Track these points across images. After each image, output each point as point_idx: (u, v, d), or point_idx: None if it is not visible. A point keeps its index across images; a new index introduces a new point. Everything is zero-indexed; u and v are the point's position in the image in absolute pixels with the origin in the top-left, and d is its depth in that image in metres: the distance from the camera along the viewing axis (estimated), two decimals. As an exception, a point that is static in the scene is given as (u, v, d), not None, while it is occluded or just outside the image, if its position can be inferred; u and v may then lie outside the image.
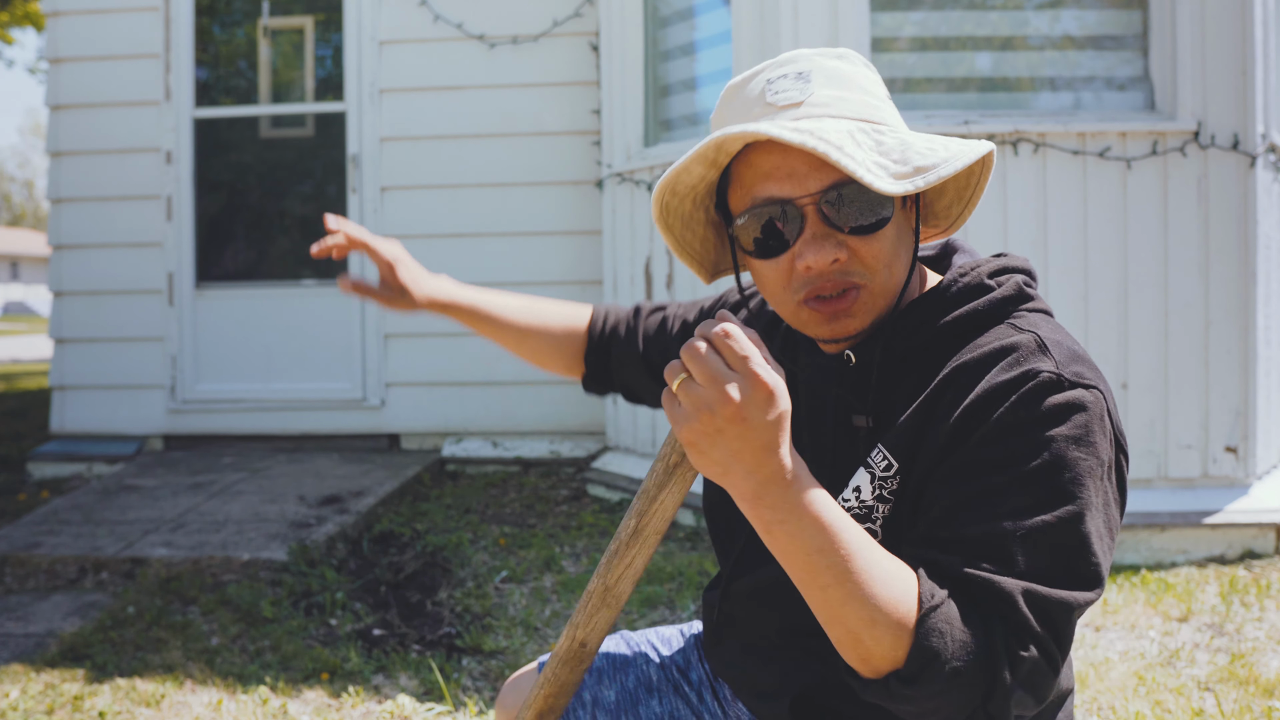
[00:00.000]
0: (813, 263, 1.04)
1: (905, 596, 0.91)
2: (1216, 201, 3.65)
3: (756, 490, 0.89)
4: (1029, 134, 3.62)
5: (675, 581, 3.37)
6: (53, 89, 5.32)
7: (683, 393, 0.88)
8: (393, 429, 5.23)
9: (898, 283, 1.09)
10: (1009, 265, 1.13)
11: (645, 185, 4.37)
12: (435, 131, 5.16)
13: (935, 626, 0.90)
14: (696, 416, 0.87)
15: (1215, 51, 3.62)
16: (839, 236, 1.04)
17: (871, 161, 0.99)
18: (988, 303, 1.09)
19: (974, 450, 0.99)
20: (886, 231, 1.05)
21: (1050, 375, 0.99)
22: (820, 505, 0.90)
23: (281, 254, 5.49)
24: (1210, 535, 3.57)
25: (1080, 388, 1.00)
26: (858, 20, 3.68)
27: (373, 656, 2.92)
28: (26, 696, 2.69)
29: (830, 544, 0.90)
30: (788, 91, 1.06)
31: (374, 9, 5.16)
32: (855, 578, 0.90)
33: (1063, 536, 0.95)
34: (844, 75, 1.07)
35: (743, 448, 0.87)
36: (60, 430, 5.31)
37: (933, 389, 1.05)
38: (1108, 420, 1.01)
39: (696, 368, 0.87)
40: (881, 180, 0.97)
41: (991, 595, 0.93)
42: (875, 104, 1.07)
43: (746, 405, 0.86)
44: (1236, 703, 2.48)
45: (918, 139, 1.05)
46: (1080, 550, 0.96)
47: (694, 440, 0.88)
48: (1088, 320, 3.66)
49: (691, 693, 1.37)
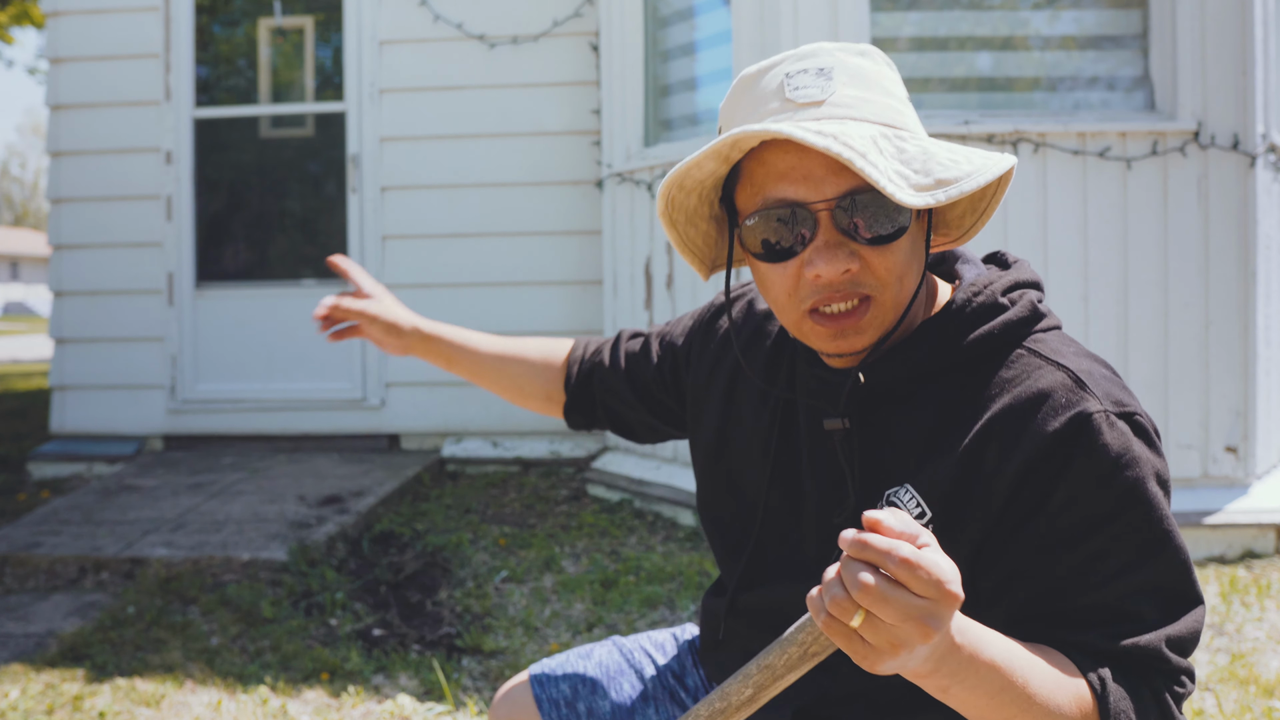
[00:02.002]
0: (823, 271, 0.99)
1: (1080, 693, 0.94)
2: (1216, 201, 3.65)
3: (934, 667, 0.85)
4: (1029, 134, 3.62)
5: (675, 581, 3.37)
6: (53, 89, 5.32)
7: (870, 634, 0.79)
8: (393, 429, 5.23)
9: (908, 295, 1.05)
10: (1020, 280, 1.10)
11: (645, 185, 4.37)
12: (435, 131, 5.16)
13: (1117, 709, 0.94)
14: (891, 652, 0.80)
15: (1215, 51, 3.62)
16: (852, 246, 1.00)
17: (893, 171, 0.95)
18: (1003, 325, 1.05)
19: (1057, 515, 0.97)
20: (901, 243, 1.01)
21: (1100, 415, 0.97)
22: (990, 649, 0.88)
23: (281, 254, 5.49)
24: (1210, 535, 3.57)
25: (1126, 418, 0.99)
26: (858, 20, 3.68)
27: (373, 656, 2.92)
28: (26, 696, 2.69)
29: (1007, 680, 0.89)
30: (808, 88, 1.01)
31: (374, 9, 5.16)
32: (1037, 699, 0.91)
33: (1171, 575, 0.99)
34: (867, 74, 1.03)
35: (925, 652, 0.82)
36: (60, 430, 5.31)
37: (970, 440, 1.01)
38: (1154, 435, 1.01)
39: (885, 610, 0.78)
40: (903, 191, 0.93)
41: (1142, 658, 0.96)
42: (898, 107, 1.03)
43: (941, 624, 0.79)
44: (1236, 703, 2.48)
45: (939, 148, 1.01)
46: (1185, 578, 0.99)
47: (882, 666, 0.82)
48: (1088, 320, 3.66)
49: (688, 699, 1.35)
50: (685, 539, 3.86)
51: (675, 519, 4.07)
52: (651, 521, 4.08)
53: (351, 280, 1.55)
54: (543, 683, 1.36)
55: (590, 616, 3.16)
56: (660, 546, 3.77)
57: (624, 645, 1.40)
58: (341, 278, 5.49)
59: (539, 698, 1.35)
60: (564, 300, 5.14)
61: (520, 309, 5.14)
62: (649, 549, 3.74)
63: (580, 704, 1.33)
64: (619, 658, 1.38)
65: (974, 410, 1.02)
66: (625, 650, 1.39)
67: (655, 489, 4.21)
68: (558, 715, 1.33)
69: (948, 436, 1.03)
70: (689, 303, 4.18)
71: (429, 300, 5.17)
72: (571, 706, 1.33)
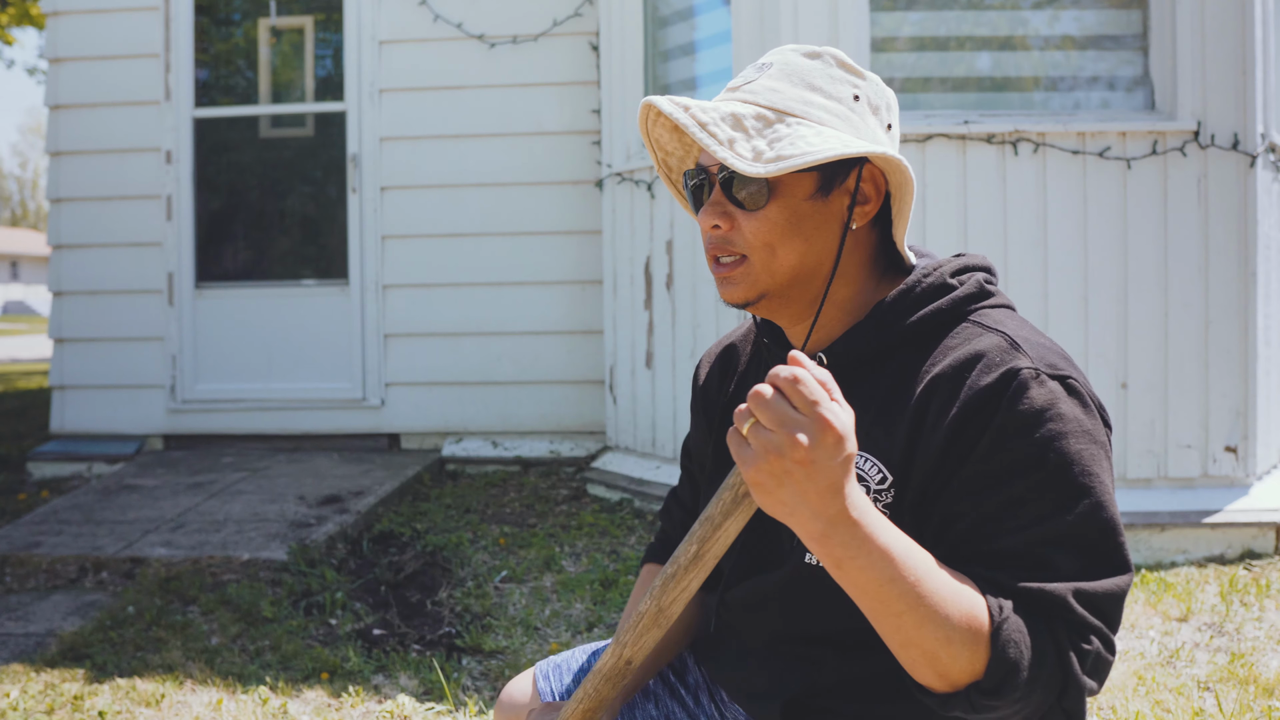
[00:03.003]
0: (701, 223, 1.15)
1: (975, 612, 0.95)
2: (1216, 201, 3.65)
3: (824, 530, 0.91)
4: (1029, 134, 3.62)
5: (675, 581, 3.37)
6: (52, 89, 5.32)
7: (752, 436, 0.89)
8: (393, 429, 5.23)
9: (785, 266, 1.13)
10: (969, 264, 1.17)
11: (645, 185, 4.38)
12: (435, 131, 5.16)
13: (1009, 638, 0.95)
14: (765, 459, 0.88)
15: (1215, 51, 3.62)
16: (728, 207, 1.13)
17: (745, 145, 1.07)
18: (950, 301, 1.12)
19: (982, 462, 1.02)
20: (769, 213, 1.11)
21: (1029, 371, 1.03)
22: (886, 536, 0.93)
23: (281, 254, 5.49)
24: (1210, 535, 3.57)
25: (1059, 379, 1.04)
26: (857, 20, 3.68)
27: (373, 656, 2.92)
28: (26, 696, 2.69)
29: (900, 572, 0.93)
30: (744, 75, 1.16)
31: (374, 9, 5.16)
32: (927, 601, 0.93)
33: (1090, 530, 1.00)
34: (802, 71, 1.14)
35: (810, 489, 0.88)
36: (60, 430, 5.31)
37: (915, 400, 1.07)
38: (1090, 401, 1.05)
39: (764, 413, 0.88)
40: (739, 161, 1.05)
41: (1046, 603, 0.97)
42: (812, 99, 1.12)
43: (815, 449, 0.87)
44: (1236, 702, 2.48)
45: (827, 138, 1.08)
46: (1108, 537, 1.01)
47: (761, 481, 0.89)
48: (1088, 320, 3.66)
49: (688, 696, 1.37)
50: (685, 539, 3.85)
51: (675, 519, 4.07)
52: (651, 521, 4.08)
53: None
54: (548, 676, 1.40)
55: (590, 616, 3.16)
56: (660, 546, 3.77)
57: None
58: (338, 277, 5.46)
59: (543, 690, 1.39)
60: (564, 300, 5.14)
61: (520, 309, 5.13)
62: (649, 549, 3.74)
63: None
64: None
65: (920, 377, 1.09)
66: None
67: (655, 489, 4.21)
68: None
69: (898, 404, 1.09)
70: (689, 303, 4.18)
71: (429, 300, 5.18)
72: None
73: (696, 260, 4.13)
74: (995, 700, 0.95)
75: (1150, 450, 3.66)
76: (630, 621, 1.10)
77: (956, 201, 3.65)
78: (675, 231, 4.23)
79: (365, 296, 5.22)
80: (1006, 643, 0.94)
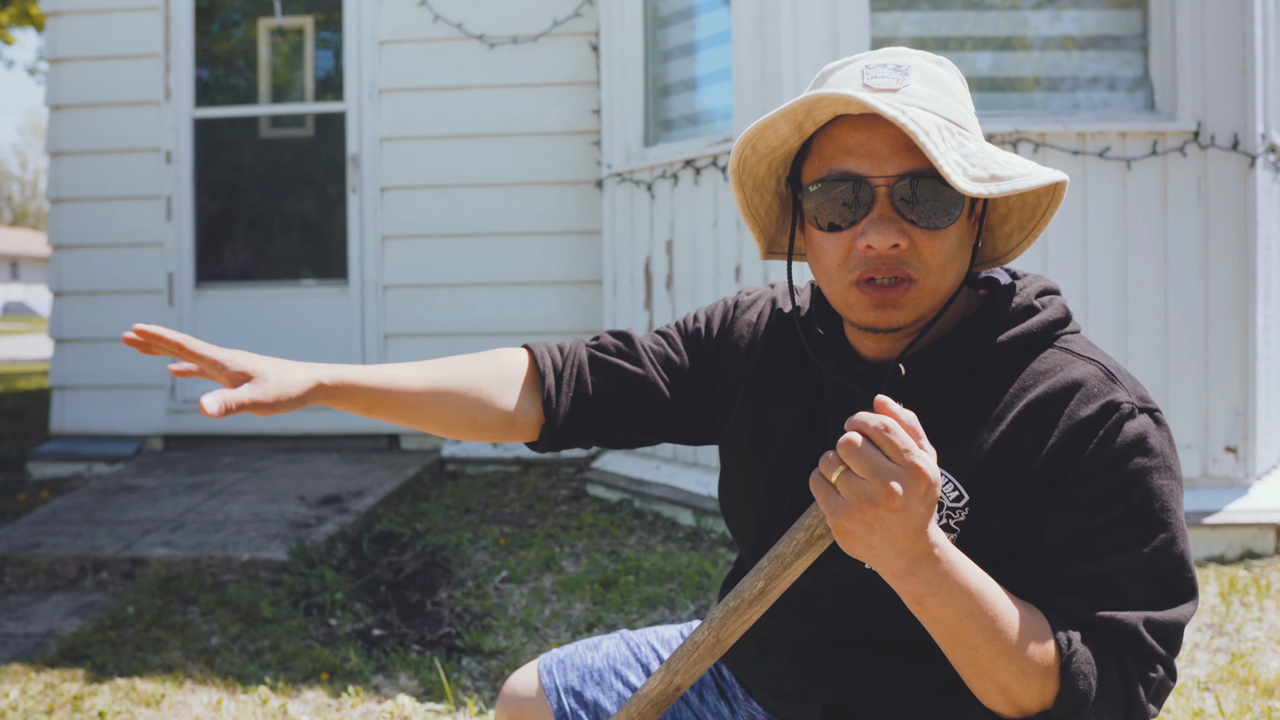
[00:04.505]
0: (874, 243, 1.04)
1: (1046, 645, 0.97)
2: (1216, 201, 3.65)
3: (908, 568, 0.93)
4: (1029, 134, 3.62)
5: (675, 581, 3.37)
6: (52, 89, 5.32)
7: (842, 485, 0.90)
8: (392, 429, 5.23)
9: (948, 289, 1.09)
10: (1048, 287, 1.16)
11: (645, 185, 4.37)
12: (435, 131, 5.17)
13: (1079, 670, 0.97)
14: (858, 508, 0.89)
15: (1215, 51, 3.62)
16: (904, 224, 1.05)
17: (954, 159, 1.01)
18: (1039, 324, 1.11)
19: (1070, 488, 1.03)
20: (949, 233, 1.07)
21: (1129, 406, 1.04)
22: (966, 573, 0.95)
23: (281, 254, 5.49)
24: (1210, 535, 3.57)
25: (1150, 414, 1.05)
26: (858, 20, 3.68)
27: (373, 656, 2.92)
28: (26, 696, 2.69)
29: (979, 608, 0.95)
30: (885, 79, 1.07)
31: (374, 9, 5.16)
32: (1002, 635, 0.95)
33: (1164, 563, 1.02)
34: (939, 78, 1.10)
35: (899, 533, 0.90)
36: (60, 430, 5.31)
37: (1008, 425, 1.07)
38: (1170, 436, 1.07)
39: (857, 462, 0.89)
40: (960, 179, 0.99)
41: (1117, 632, 1.00)
42: (964, 111, 1.10)
43: (909, 497, 0.88)
44: (1236, 703, 2.48)
45: (998, 152, 1.07)
46: (1179, 571, 1.03)
47: (852, 529, 0.91)
48: (1088, 320, 3.66)
49: (693, 694, 1.37)
50: (685, 539, 3.86)
51: (675, 519, 4.08)
52: (651, 521, 4.08)
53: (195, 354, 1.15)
54: (551, 671, 1.41)
55: (590, 616, 3.16)
56: (660, 546, 3.77)
57: (631, 639, 1.43)
58: (337, 277, 5.47)
59: (546, 685, 1.39)
60: (563, 300, 5.14)
61: (520, 309, 5.13)
62: (649, 549, 3.74)
63: (587, 692, 1.37)
64: (626, 650, 1.41)
65: (1009, 400, 1.08)
66: (632, 644, 1.42)
67: (655, 489, 4.21)
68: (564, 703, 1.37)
69: (983, 424, 1.08)
70: (689, 303, 4.18)
71: (429, 300, 5.18)
72: (578, 695, 1.37)
73: (696, 260, 4.13)
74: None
75: (1150, 450, 3.65)
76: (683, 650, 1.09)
77: (956, 202, 3.64)
78: (675, 232, 4.23)
79: (365, 297, 5.22)
80: (1076, 675, 0.97)
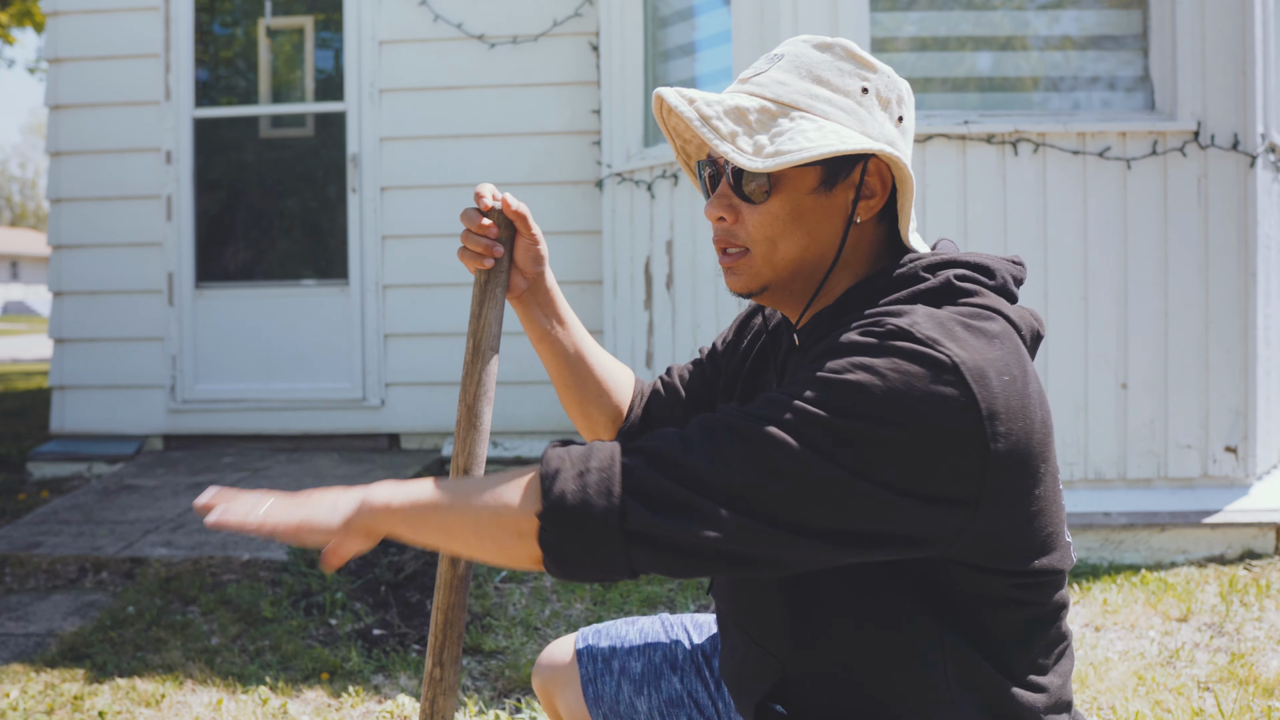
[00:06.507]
0: (708, 214, 1.17)
1: (519, 479, 1.05)
2: (1216, 201, 3.65)
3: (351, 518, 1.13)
4: (1029, 134, 3.62)
5: (675, 581, 3.37)
6: (52, 89, 5.32)
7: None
8: (393, 429, 5.23)
9: (790, 259, 1.14)
10: (952, 259, 1.11)
11: (645, 185, 4.37)
12: (435, 131, 5.17)
13: (553, 454, 1.04)
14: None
15: (1215, 51, 3.62)
16: (733, 200, 1.15)
17: (747, 139, 1.08)
18: (910, 294, 1.07)
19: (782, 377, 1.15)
20: (770, 207, 1.13)
21: (892, 326, 0.99)
22: (407, 495, 1.10)
23: (281, 254, 5.49)
24: (1210, 535, 3.57)
25: (933, 348, 0.96)
26: (858, 20, 3.68)
27: (373, 656, 2.92)
28: (26, 696, 2.69)
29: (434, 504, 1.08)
30: (756, 66, 1.17)
31: (374, 9, 5.16)
32: (474, 503, 1.05)
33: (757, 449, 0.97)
34: (811, 63, 1.13)
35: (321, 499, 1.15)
36: (60, 430, 5.31)
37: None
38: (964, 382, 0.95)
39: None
40: (739, 155, 1.07)
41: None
42: (818, 92, 1.12)
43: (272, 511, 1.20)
44: (1236, 703, 2.48)
45: (826, 134, 1.07)
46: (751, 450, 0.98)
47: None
48: (1087, 320, 3.66)
49: (711, 680, 1.43)
50: (685, 539, 3.85)
51: (675, 519, 4.07)
52: (651, 521, 4.08)
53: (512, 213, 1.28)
54: (587, 638, 1.50)
55: (590, 616, 3.16)
56: (660, 546, 3.77)
57: (667, 620, 1.51)
58: (338, 277, 5.46)
59: (579, 651, 1.48)
60: (564, 300, 5.13)
61: (520, 309, 5.13)
62: (649, 549, 3.74)
63: (615, 661, 1.46)
64: (659, 628, 1.50)
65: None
66: (667, 624, 1.51)
67: (655, 489, 4.21)
68: (593, 668, 1.46)
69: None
70: (689, 303, 4.18)
71: (429, 300, 5.18)
72: (607, 662, 1.46)
73: (696, 260, 4.13)
74: (558, 527, 0.99)
75: (1150, 450, 3.66)
76: (456, 432, 1.26)
77: (956, 202, 3.65)
78: (675, 232, 4.23)
79: (365, 296, 5.22)
80: (549, 458, 1.03)
